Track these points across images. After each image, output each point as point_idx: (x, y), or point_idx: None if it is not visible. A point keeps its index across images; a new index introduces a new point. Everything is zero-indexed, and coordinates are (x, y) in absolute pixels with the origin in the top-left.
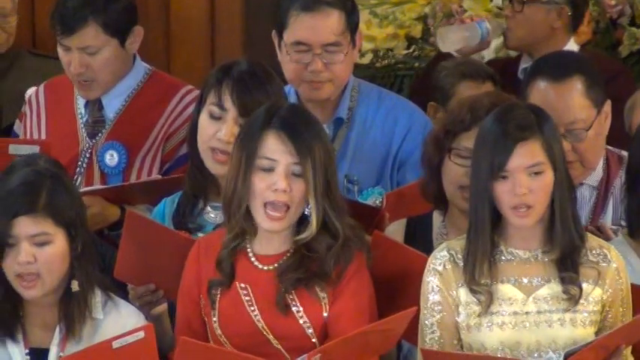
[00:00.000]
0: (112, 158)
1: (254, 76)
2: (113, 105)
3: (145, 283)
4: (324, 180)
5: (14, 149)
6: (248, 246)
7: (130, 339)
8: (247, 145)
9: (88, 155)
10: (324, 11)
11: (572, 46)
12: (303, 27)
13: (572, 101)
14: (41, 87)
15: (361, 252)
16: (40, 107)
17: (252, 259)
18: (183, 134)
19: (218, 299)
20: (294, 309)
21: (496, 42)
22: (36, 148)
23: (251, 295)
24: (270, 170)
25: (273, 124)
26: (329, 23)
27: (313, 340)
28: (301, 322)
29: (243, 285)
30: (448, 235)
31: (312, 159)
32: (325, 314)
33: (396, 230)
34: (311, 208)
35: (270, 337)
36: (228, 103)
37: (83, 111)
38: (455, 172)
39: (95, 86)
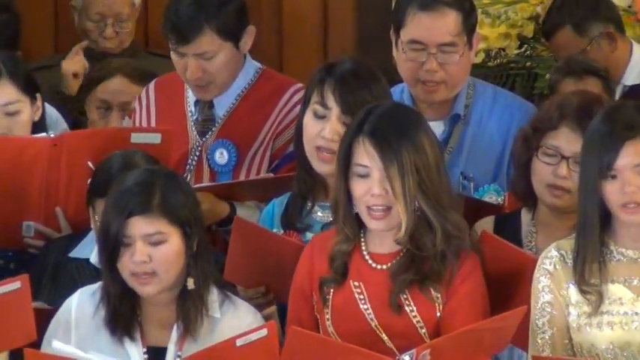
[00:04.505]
0: (221, 156)
1: (357, 74)
2: (224, 103)
3: (254, 286)
4: (418, 179)
5: (136, 138)
6: (363, 244)
7: (253, 337)
8: (343, 151)
9: (197, 153)
10: (442, 11)
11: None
12: (420, 26)
13: None
14: (151, 84)
15: (474, 252)
16: (150, 104)
17: (367, 257)
18: (292, 132)
19: (331, 297)
20: (407, 308)
21: None
22: (158, 137)
23: (364, 293)
24: (366, 176)
25: (363, 130)
26: (446, 23)
27: (427, 339)
28: (414, 321)
29: (356, 283)
30: (537, 233)
31: (399, 164)
32: (439, 314)
33: (484, 228)
34: (400, 212)
35: (383, 336)
36: (331, 101)
37: (193, 109)
38: (542, 171)
39: (212, 88)
